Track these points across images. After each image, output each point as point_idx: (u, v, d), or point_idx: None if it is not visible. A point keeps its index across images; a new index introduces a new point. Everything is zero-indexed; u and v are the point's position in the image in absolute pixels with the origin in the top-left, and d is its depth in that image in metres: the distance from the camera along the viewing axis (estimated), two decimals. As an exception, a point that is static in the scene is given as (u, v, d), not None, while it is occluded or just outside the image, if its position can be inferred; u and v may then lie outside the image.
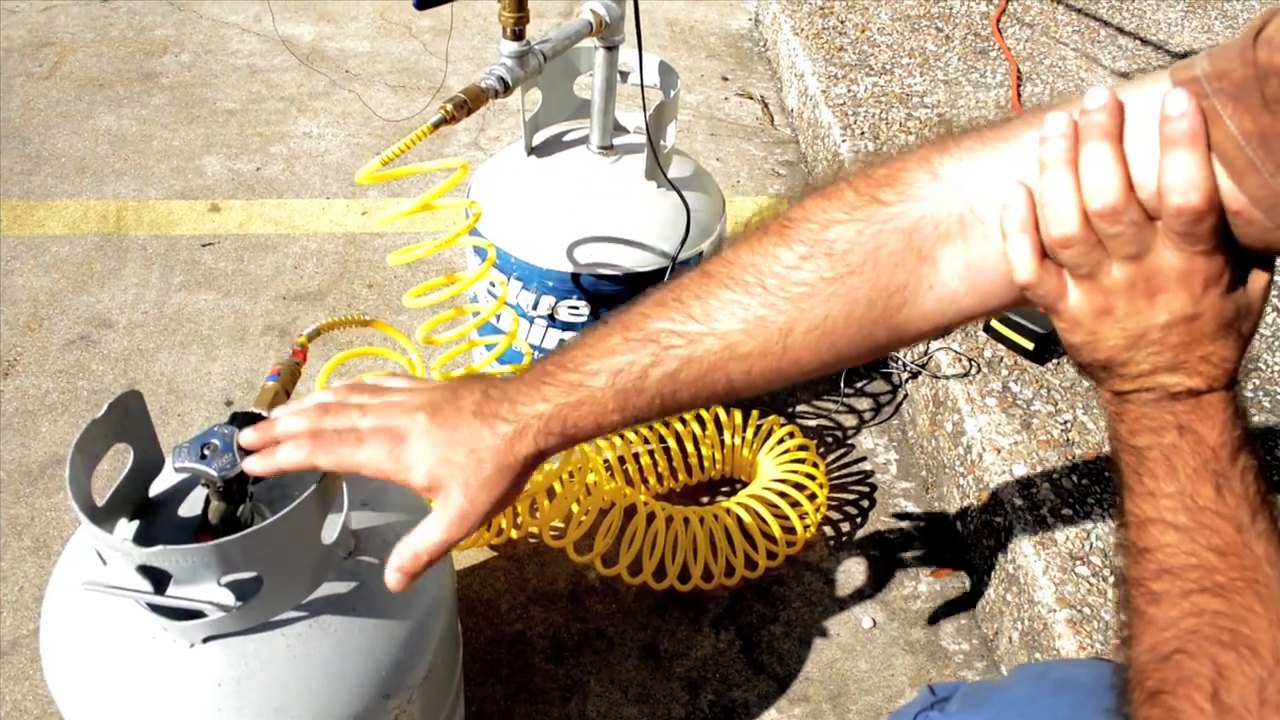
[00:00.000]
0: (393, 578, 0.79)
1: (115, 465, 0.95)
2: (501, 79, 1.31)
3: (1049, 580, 1.41)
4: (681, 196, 1.53)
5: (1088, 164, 0.62)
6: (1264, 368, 1.76)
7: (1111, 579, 1.41)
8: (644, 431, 1.71)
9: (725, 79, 3.01)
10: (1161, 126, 0.59)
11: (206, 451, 0.88)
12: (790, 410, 1.92)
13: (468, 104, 1.24)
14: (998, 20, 2.95)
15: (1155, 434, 0.65)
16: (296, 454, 0.79)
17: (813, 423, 1.91)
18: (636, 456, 1.68)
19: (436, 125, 1.21)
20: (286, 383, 1.02)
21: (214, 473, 0.87)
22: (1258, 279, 0.65)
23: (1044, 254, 0.65)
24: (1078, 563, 1.43)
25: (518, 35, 1.32)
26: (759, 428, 1.74)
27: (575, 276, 1.53)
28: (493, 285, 1.62)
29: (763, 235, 0.73)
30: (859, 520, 1.74)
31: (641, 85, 1.51)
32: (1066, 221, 0.63)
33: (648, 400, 0.74)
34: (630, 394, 0.74)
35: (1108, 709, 0.67)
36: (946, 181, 0.68)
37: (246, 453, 0.87)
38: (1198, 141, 0.58)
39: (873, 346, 0.73)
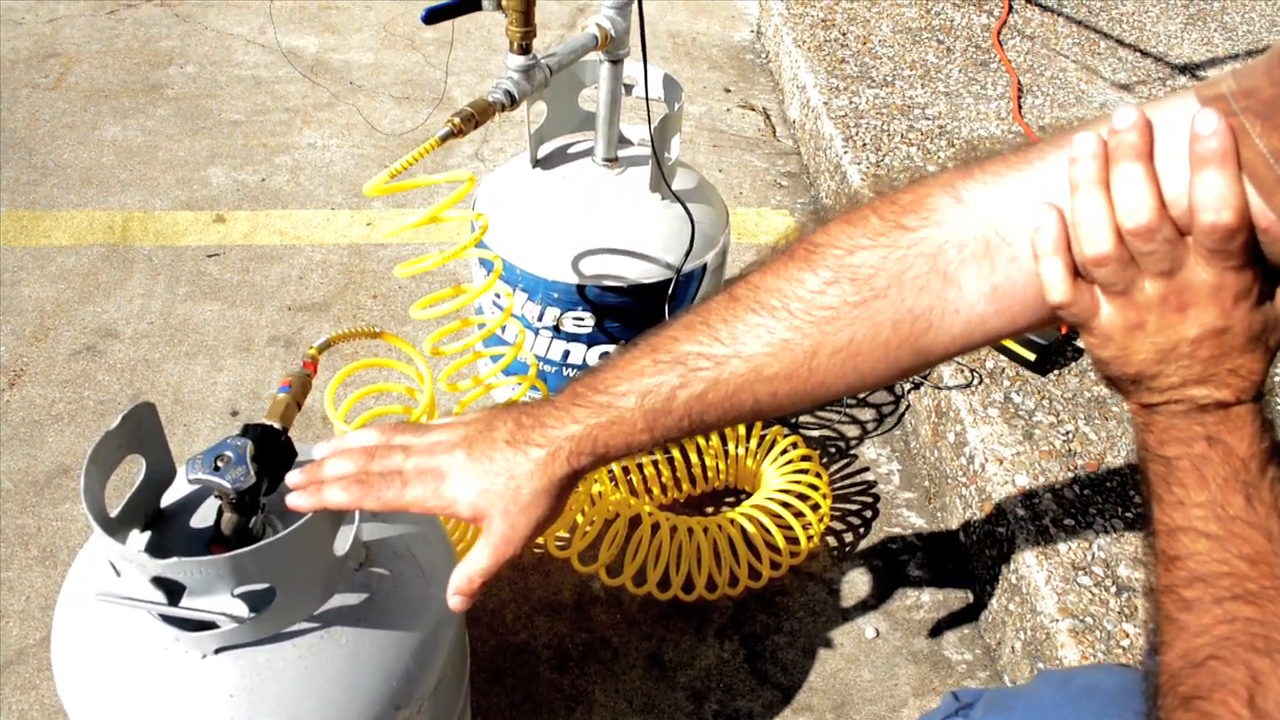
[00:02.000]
0: (454, 601, 0.83)
1: (123, 476, 0.96)
2: (508, 92, 1.32)
3: (1051, 590, 1.42)
4: (686, 209, 1.54)
5: (1120, 183, 0.63)
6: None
7: (1114, 588, 1.42)
8: (648, 442, 1.72)
9: (728, 91, 3.03)
10: (1192, 145, 0.60)
11: (220, 463, 0.89)
12: (793, 421, 1.93)
13: (475, 117, 1.26)
14: (998, 32, 2.96)
15: (1184, 444, 0.66)
16: (344, 496, 0.82)
17: (816, 433, 1.92)
18: (641, 467, 1.69)
19: (444, 139, 1.22)
20: (298, 394, 1.03)
21: (227, 485, 0.88)
22: None
23: (1076, 274, 0.66)
24: (1080, 573, 1.44)
25: (525, 50, 1.33)
26: (762, 438, 1.75)
27: (580, 288, 1.54)
28: (498, 297, 1.63)
29: (788, 260, 0.74)
30: (862, 530, 1.75)
31: (646, 99, 1.52)
32: (1101, 241, 0.63)
33: (676, 420, 0.76)
34: (659, 414, 0.76)
35: (1136, 713, 0.67)
36: (971, 206, 0.69)
37: (261, 467, 0.89)
38: (1229, 160, 0.59)
39: (899, 369, 0.74)
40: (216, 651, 0.91)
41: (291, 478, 0.86)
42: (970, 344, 0.73)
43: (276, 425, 0.96)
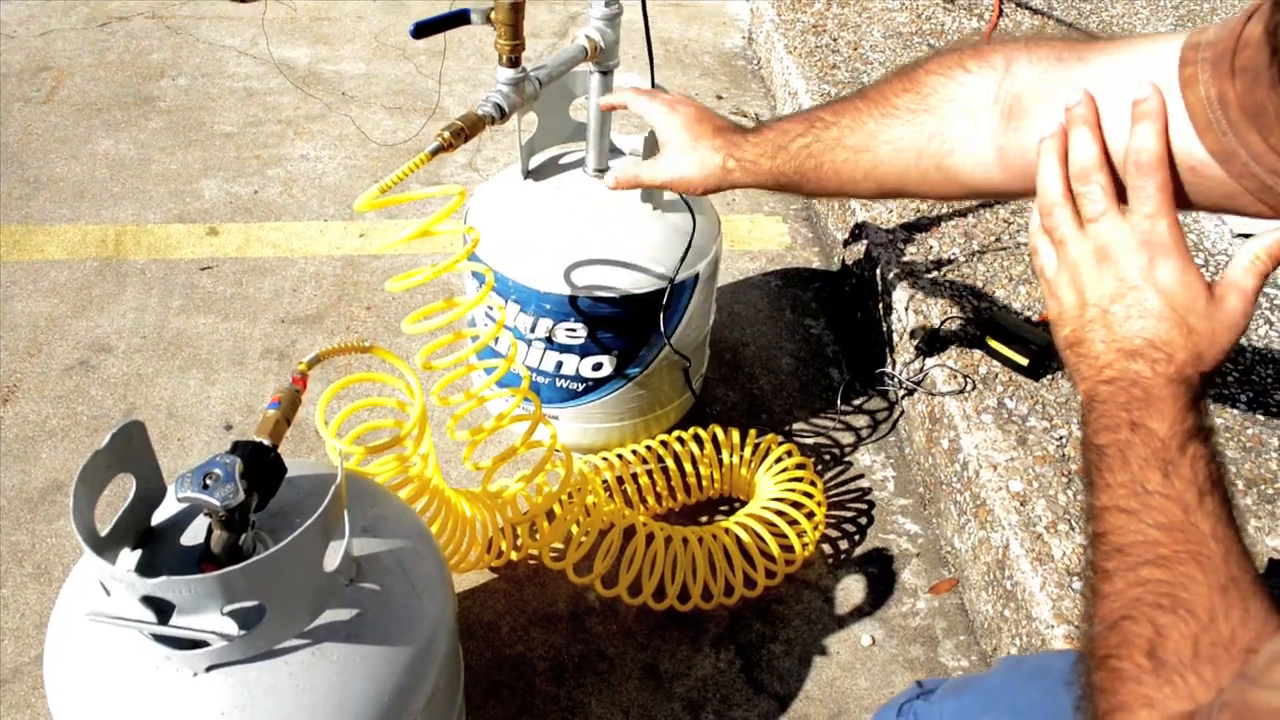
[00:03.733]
0: (610, 181, 1.32)
1: (116, 493, 0.96)
2: (498, 105, 1.32)
3: (1046, 596, 1.42)
4: (693, 214, 1.54)
5: (1071, 143, 0.79)
6: (1255, 379, 1.77)
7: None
8: (642, 451, 1.72)
9: (720, 97, 3.03)
10: (1133, 109, 0.75)
11: (209, 481, 0.89)
12: (787, 428, 1.93)
13: (465, 131, 1.26)
14: (989, 36, 2.97)
15: (1111, 431, 0.73)
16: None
17: (810, 440, 1.92)
18: (635, 477, 1.69)
19: (434, 153, 1.22)
20: (286, 411, 1.03)
21: (216, 502, 0.88)
22: (1232, 294, 0.73)
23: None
24: (1074, 579, 1.44)
25: (514, 63, 1.33)
26: (756, 446, 1.75)
27: (573, 299, 1.54)
28: (490, 309, 1.63)
29: (894, 73, 1.01)
30: (857, 538, 1.75)
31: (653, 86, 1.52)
32: (1051, 191, 0.81)
33: (789, 158, 1.10)
34: (780, 149, 1.11)
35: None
36: (1013, 75, 0.87)
37: (250, 484, 0.89)
38: (1156, 117, 0.73)
39: (928, 183, 0.99)
40: (208, 669, 0.91)
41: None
42: (985, 184, 0.94)
43: (266, 442, 0.96)
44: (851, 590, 1.66)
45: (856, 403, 2.00)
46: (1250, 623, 0.63)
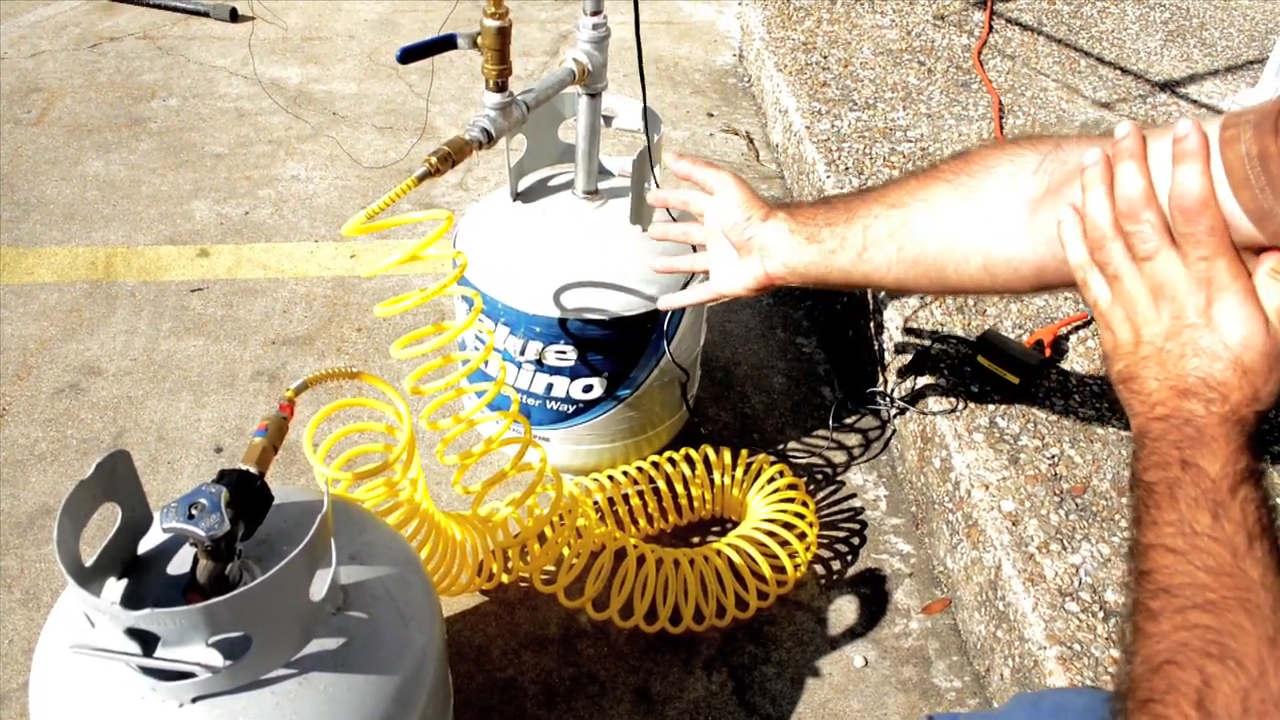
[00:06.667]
0: (667, 302, 1.45)
1: (106, 517, 0.95)
2: (485, 130, 1.32)
3: (1039, 617, 1.42)
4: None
5: (1119, 176, 0.77)
6: None
7: (1101, 614, 1.42)
8: (633, 473, 1.71)
9: (710, 115, 3.04)
10: (1174, 146, 0.73)
11: (194, 511, 0.89)
12: (779, 448, 1.93)
13: (452, 156, 1.26)
14: (979, 53, 2.98)
15: (1162, 469, 0.71)
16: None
17: (802, 460, 1.91)
18: (626, 498, 1.69)
19: (421, 178, 1.22)
20: (274, 438, 1.03)
21: (202, 533, 0.88)
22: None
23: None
24: (1067, 599, 1.43)
25: (501, 87, 1.33)
26: (748, 467, 1.74)
27: (562, 321, 1.54)
28: (480, 332, 1.63)
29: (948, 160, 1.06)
30: (849, 558, 1.74)
31: (647, 134, 1.52)
32: (1101, 225, 0.79)
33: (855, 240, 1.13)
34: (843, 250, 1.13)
35: None
36: (1063, 151, 0.91)
37: (236, 513, 0.88)
38: (1199, 156, 0.72)
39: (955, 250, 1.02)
40: (194, 700, 0.90)
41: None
42: (1009, 252, 0.96)
43: (252, 470, 0.96)
44: (844, 611, 1.66)
45: (848, 422, 2.00)
46: None
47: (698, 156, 1.37)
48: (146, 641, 0.89)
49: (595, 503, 1.66)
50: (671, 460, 1.72)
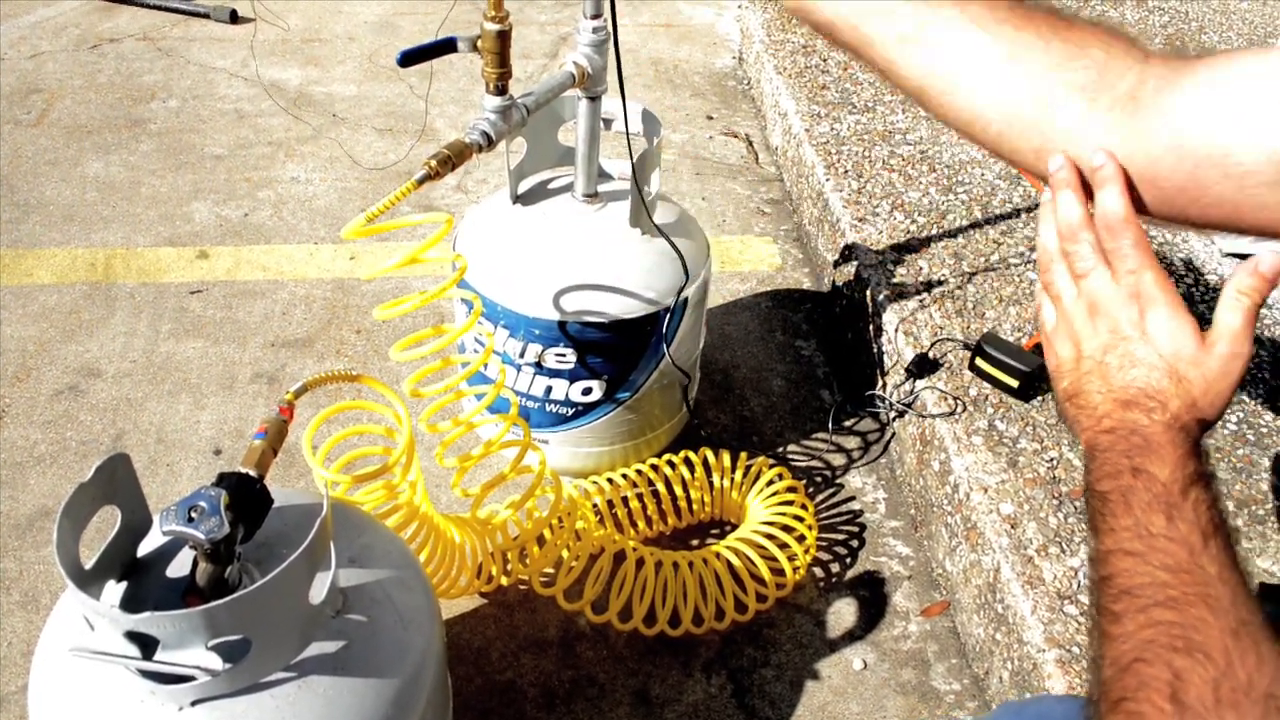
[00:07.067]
0: None
1: (108, 519, 0.95)
2: (485, 133, 1.32)
3: (1037, 620, 1.42)
4: (675, 246, 1.55)
5: (1058, 205, 0.81)
6: (1246, 400, 1.77)
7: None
8: (633, 476, 1.72)
9: (710, 118, 3.04)
10: (1093, 177, 0.78)
11: (194, 514, 0.89)
12: (779, 450, 1.93)
13: (452, 159, 1.26)
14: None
15: (1114, 478, 0.74)
16: None
17: (801, 463, 1.91)
18: (625, 501, 1.69)
19: (421, 182, 1.22)
20: (273, 441, 1.03)
21: (201, 536, 0.88)
22: (1222, 341, 0.75)
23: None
24: (1066, 602, 1.44)
25: (500, 90, 1.33)
26: (748, 469, 1.74)
27: (562, 324, 1.54)
28: (479, 335, 1.63)
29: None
30: (848, 560, 1.74)
31: (627, 135, 1.52)
32: (1046, 250, 0.84)
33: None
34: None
35: None
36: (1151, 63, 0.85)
37: (236, 516, 0.88)
38: (1116, 179, 0.76)
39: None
40: (193, 704, 0.90)
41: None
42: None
43: (252, 473, 0.96)
44: (843, 614, 1.66)
45: (847, 425, 2.00)
46: (1265, 667, 0.63)
47: None
48: (146, 644, 0.89)
49: (594, 505, 1.66)
50: (671, 463, 1.72)
